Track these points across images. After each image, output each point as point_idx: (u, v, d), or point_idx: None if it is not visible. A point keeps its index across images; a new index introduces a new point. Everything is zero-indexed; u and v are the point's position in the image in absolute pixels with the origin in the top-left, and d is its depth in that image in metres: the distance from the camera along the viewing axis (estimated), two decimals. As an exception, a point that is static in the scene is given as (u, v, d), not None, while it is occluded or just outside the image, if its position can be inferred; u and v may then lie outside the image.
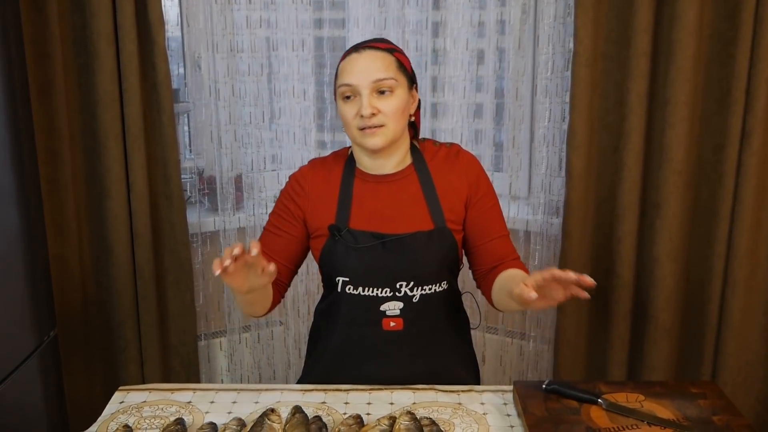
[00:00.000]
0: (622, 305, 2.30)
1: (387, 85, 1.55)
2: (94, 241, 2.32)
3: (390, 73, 1.56)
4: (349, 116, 1.57)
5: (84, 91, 2.20)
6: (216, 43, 2.40)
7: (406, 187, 1.65)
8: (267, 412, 1.43)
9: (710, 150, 2.15)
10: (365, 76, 1.54)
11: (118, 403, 1.59)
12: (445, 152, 1.70)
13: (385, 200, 1.64)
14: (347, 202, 1.64)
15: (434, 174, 1.66)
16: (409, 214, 1.63)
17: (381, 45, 1.60)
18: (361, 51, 1.58)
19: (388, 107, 1.56)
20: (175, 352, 2.48)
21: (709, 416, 1.44)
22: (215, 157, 2.51)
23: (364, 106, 1.54)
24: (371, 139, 1.57)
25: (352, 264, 1.61)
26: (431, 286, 1.64)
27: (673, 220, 2.18)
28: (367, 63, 1.55)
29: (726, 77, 2.08)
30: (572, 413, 1.45)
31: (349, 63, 1.58)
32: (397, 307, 1.62)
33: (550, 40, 2.32)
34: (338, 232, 1.61)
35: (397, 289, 1.61)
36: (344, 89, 1.57)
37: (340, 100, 1.60)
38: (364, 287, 1.62)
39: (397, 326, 1.64)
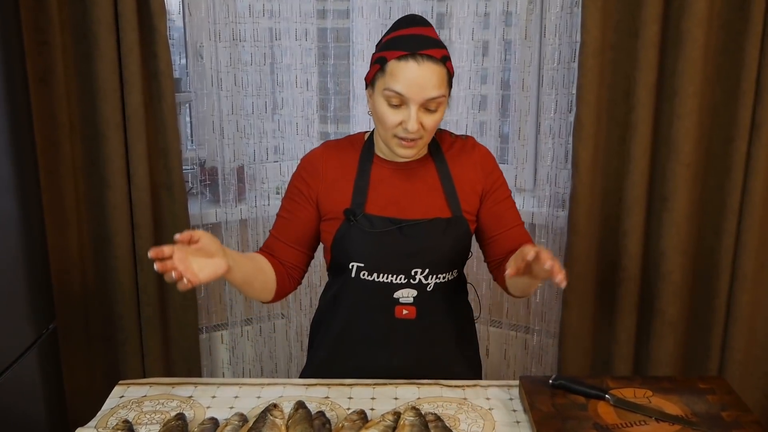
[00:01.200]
0: (629, 299, 2.28)
1: (437, 102, 1.50)
2: (94, 233, 2.30)
3: (442, 89, 1.49)
4: (391, 122, 1.50)
5: (84, 79, 2.18)
6: (218, 32, 2.38)
7: (423, 175, 1.64)
8: (269, 408, 1.41)
9: (719, 142, 2.13)
10: (420, 92, 1.47)
11: (118, 397, 1.57)
12: (461, 144, 1.70)
13: (402, 187, 1.63)
14: (364, 187, 1.61)
15: (450, 164, 1.65)
16: (426, 201, 1.62)
17: (436, 53, 1.48)
18: (419, 61, 1.46)
19: (431, 123, 1.51)
20: (177, 345, 2.47)
21: (718, 412, 1.42)
22: (217, 148, 2.50)
23: (411, 121, 1.48)
24: (406, 150, 1.54)
25: (367, 249, 1.59)
26: (445, 274, 1.63)
27: (681, 213, 2.16)
28: (425, 78, 1.46)
29: (735, 68, 2.06)
30: (579, 409, 1.43)
31: (404, 70, 1.46)
32: (411, 295, 1.61)
33: (557, 30, 2.30)
34: (354, 216, 1.59)
35: (412, 276, 1.60)
36: (392, 96, 1.48)
37: (382, 100, 1.51)
38: (379, 273, 1.60)
39: (410, 314, 1.62)
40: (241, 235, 2.60)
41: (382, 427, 1.34)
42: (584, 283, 2.33)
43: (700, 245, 2.22)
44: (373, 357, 1.66)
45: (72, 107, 2.20)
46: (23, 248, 1.86)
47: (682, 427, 1.36)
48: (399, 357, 1.65)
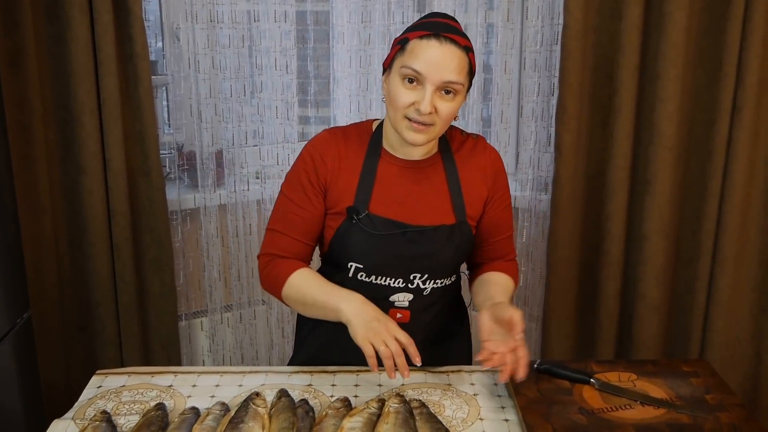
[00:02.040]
0: (611, 282, 2.29)
1: (454, 88, 1.43)
2: (69, 220, 2.26)
3: (461, 77, 1.43)
4: (404, 101, 1.44)
5: (57, 62, 2.13)
6: (195, 13, 2.33)
7: (431, 177, 1.58)
8: (252, 396, 1.39)
9: (701, 125, 2.14)
10: (438, 71, 1.41)
11: (96, 387, 1.55)
12: (471, 144, 1.64)
13: (408, 187, 1.57)
14: (369, 184, 1.55)
15: (459, 166, 1.60)
16: (432, 206, 1.57)
17: (461, 40, 1.44)
18: (442, 41, 1.41)
19: (446, 110, 1.45)
20: (155, 333, 2.44)
21: (702, 395, 1.43)
22: (195, 132, 2.46)
23: (425, 102, 1.42)
24: (416, 135, 1.46)
25: (368, 251, 1.54)
26: (443, 279, 1.61)
27: (663, 196, 2.17)
28: (445, 59, 1.41)
29: (717, 51, 2.07)
30: (565, 393, 1.44)
31: (426, 48, 1.42)
32: (407, 299, 1.59)
33: (539, 12, 2.28)
34: (357, 215, 1.53)
35: (410, 281, 1.57)
36: (409, 72, 1.43)
37: (397, 77, 1.45)
38: (378, 276, 1.56)
39: (404, 318, 1.60)
40: (220, 221, 2.57)
41: (366, 415, 1.33)
42: (567, 267, 2.33)
43: (682, 228, 2.24)
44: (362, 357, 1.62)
45: (45, 91, 2.14)
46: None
47: (667, 411, 1.37)
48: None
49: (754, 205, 2.16)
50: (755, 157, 2.11)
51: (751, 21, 1.98)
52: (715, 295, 2.19)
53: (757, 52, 2.00)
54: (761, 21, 1.98)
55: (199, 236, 2.57)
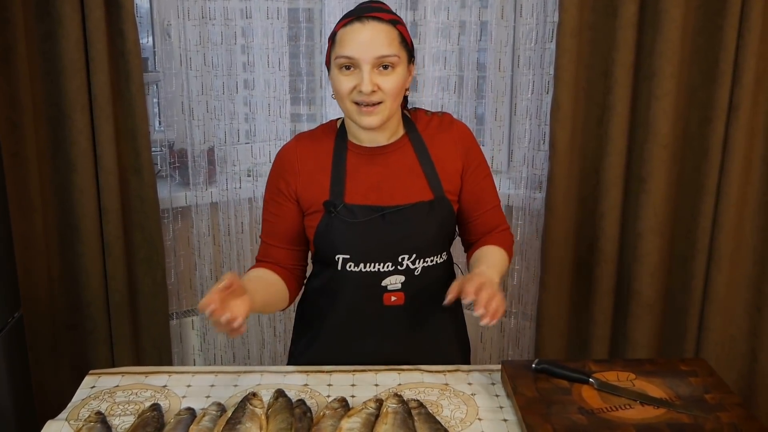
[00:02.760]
0: (606, 280, 2.29)
1: (390, 61, 1.46)
2: (59, 218, 2.24)
3: (393, 49, 1.46)
4: (345, 89, 1.48)
5: (47, 59, 2.11)
6: (188, 9, 2.31)
7: (401, 158, 1.59)
8: (248, 397, 1.38)
9: (696, 123, 2.14)
10: (368, 50, 1.44)
11: (89, 388, 1.53)
12: (437, 121, 1.64)
13: (380, 172, 1.58)
14: (341, 176, 1.57)
15: (429, 143, 1.61)
16: (407, 184, 1.58)
17: (384, 15, 1.48)
18: (364, 21, 1.45)
19: (388, 84, 1.47)
20: (147, 333, 2.42)
21: (701, 394, 1.42)
22: (186, 129, 2.44)
23: (365, 82, 1.45)
24: (368, 117, 1.49)
25: (351, 240, 1.55)
26: (432, 257, 1.60)
27: (658, 194, 2.16)
28: (371, 36, 1.44)
29: (713, 49, 2.06)
30: (563, 393, 1.42)
31: (350, 33, 1.46)
32: (399, 281, 1.58)
33: (533, 9, 2.28)
34: (334, 207, 1.55)
35: (399, 263, 1.57)
36: (343, 60, 1.46)
37: (335, 70, 1.49)
38: (366, 263, 1.56)
39: (398, 300, 1.60)
40: (212, 219, 2.55)
41: (364, 415, 1.32)
42: (561, 265, 2.33)
43: (677, 226, 2.24)
44: (362, 345, 1.63)
45: (35, 88, 2.13)
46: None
47: (667, 410, 1.36)
48: (389, 344, 1.63)
49: (750, 203, 2.16)
50: (752, 155, 2.11)
51: (748, 19, 1.98)
52: (710, 294, 2.19)
53: (754, 51, 2.00)
54: (758, 19, 1.98)
55: (190, 234, 2.55)
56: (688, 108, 2.14)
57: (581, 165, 2.27)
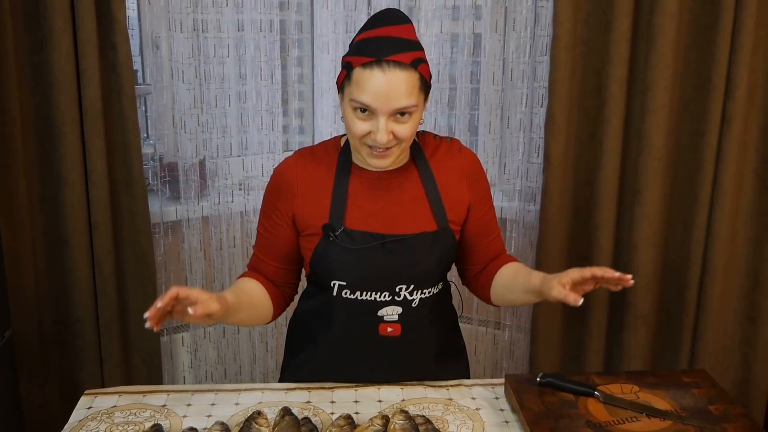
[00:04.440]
0: (600, 292, 2.30)
1: (409, 110, 1.38)
2: (49, 233, 2.21)
3: (413, 98, 1.38)
4: (359, 132, 1.41)
5: (37, 71, 2.08)
6: (180, 22, 2.30)
7: (406, 185, 1.54)
8: (254, 416, 1.36)
9: (690, 136, 2.16)
10: (387, 102, 1.36)
11: (86, 408, 1.50)
12: (446, 147, 1.59)
13: (384, 198, 1.53)
14: (342, 200, 1.51)
15: (435, 171, 1.56)
16: (410, 213, 1.53)
17: (406, 57, 1.37)
18: (385, 69, 1.35)
19: (404, 132, 1.40)
20: (137, 350, 2.39)
21: (706, 405, 1.44)
22: (178, 143, 2.42)
23: (380, 133, 1.38)
24: (379, 161, 1.45)
25: (349, 267, 1.50)
26: (430, 288, 1.57)
27: (653, 206, 2.18)
28: (392, 88, 1.35)
29: (706, 63, 2.09)
30: (570, 407, 1.43)
31: (370, 80, 1.36)
32: (396, 312, 1.54)
33: (527, 23, 2.29)
34: (333, 232, 1.49)
35: (397, 293, 1.53)
36: (359, 105, 1.38)
37: (349, 109, 1.41)
38: (362, 291, 1.52)
39: (395, 332, 1.56)
40: (203, 234, 2.53)
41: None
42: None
43: (671, 238, 2.26)
44: (356, 373, 1.60)
45: (24, 100, 2.10)
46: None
47: (674, 423, 1.37)
48: (383, 373, 1.60)
49: (743, 214, 2.19)
50: (744, 168, 2.14)
51: (740, 34, 2.01)
52: (704, 304, 2.21)
53: (746, 65, 2.03)
54: (750, 33, 2.01)
55: (181, 249, 2.53)
56: (681, 121, 2.16)
57: (575, 177, 2.28)
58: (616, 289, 1.42)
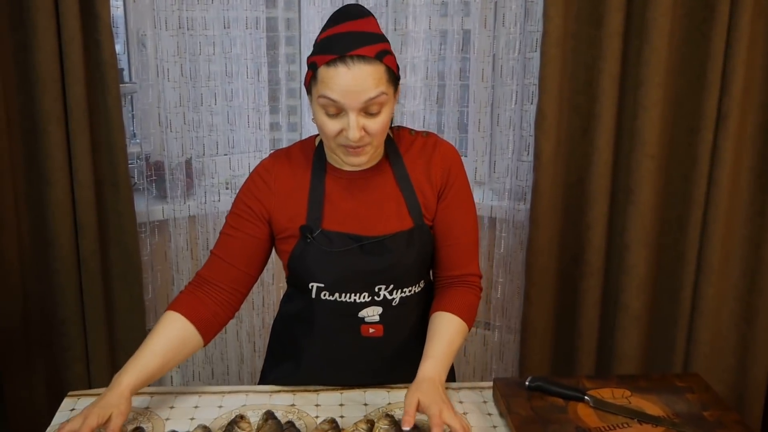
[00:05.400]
0: (592, 293, 2.27)
1: (378, 102, 1.36)
2: (34, 233, 2.19)
3: (381, 87, 1.35)
4: (331, 131, 1.38)
5: (21, 70, 2.05)
6: (165, 19, 2.27)
7: (381, 184, 1.52)
8: (236, 419, 1.34)
9: (684, 133, 2.13)
10: (355, 96, 1.33)
11: (69, 410, 1.49)
12: (421, 142, 1.56)
13: (359, 198, 1.51)
14: (319, 201, 1.50)
15: (409, 167, 1.53)
16: (386, 213, 1.51)
17: (369, 51, 1.34)
18: (349, 64, 1.33)
19: (376, 126, 1.38)
20: (123, 350, 2.36)
21: (699, 411, 1.41)
22: (163, 142, 2.39)
23: (352, 129, 1.35)
24: (355, 158, 1.42)
25: (327, 269, 1.49)
26: (410, 287, 1.54)
27: (646, 205, 2.15)
28: (358, 81, 1.33)
29: (701, 58, 2.06)
30: (559, 412, 1.40)
31: (335, 77, 1.33)
32: (376, 313, 1.52)
33: (516, 19, 2.26)
34: (310, 233, 1.48)
35: (376, 293, 1.51)
36: (326, 103, 1.36)
37: (319, 108, 1.38)
38: (341, 293, 1.50)
39: (377, 332, 1.54)
40: (190, 233, 2.50)
41: None
42: (546, 278, 2.31)
43: (665, 237, 2.23)
44: (341, 377, 1.58)
45: (9, 100, 2.07)
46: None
47: (666, 429, 1.34)
48: (368, 376, 1.58)
49: (739, 213, 2.16)
50: (740, 165, 2.11)
51: (736, 28, 1.98)
52: (699, 305, 2.18)
53: (743, 59, 1.99)
54: (746, 27, 1.98)
55: (168, 249, 2.50)
56: (675, 118, 2.13)
57: (566, 175, 2.25)
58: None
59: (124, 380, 1.36)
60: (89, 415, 1.29)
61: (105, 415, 1.30)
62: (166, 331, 1.47)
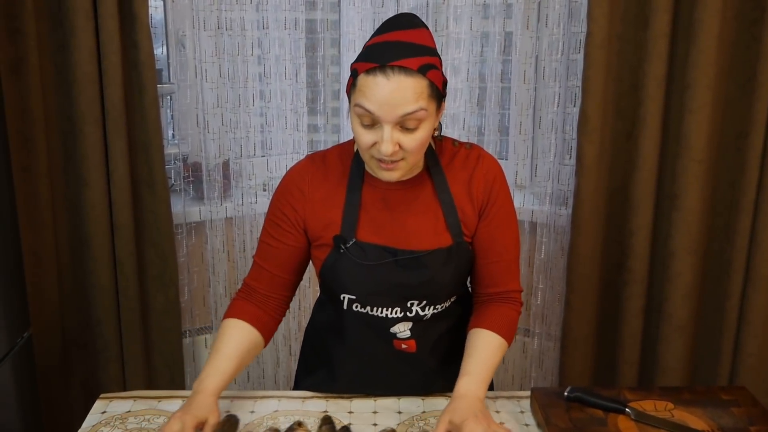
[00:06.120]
0: (635, 301, 2.22)
1: (415, 117, 1.29)
2: (70, 234, 2.21)
3: (420, 102, 1.28)
4: (365, 143, 1.33)
5: (60, 70, 2.08)
6: (204, 20, 2.28)
7: (419, 196, 1.47)
8: (294, 426, 1.35)
9: (732, 137, 2.08)
10: (391, 110, 1.28)
11: (100, 413, 1.50)
12: (464, 154, 1.49)
13: (397, 210, 1.47)
14: (354, 210, 1.45)
15: (450, 181, 1.47)
16: (423, 226, 1.46)
17: (413, 63, 1.28)
18: (389, 75, 1.27)
19: (412, 144, 1.32)
20: (159, 351, 2.38)
21: (746, 426, 1.37)
22: (201, 143, 2.40)
23: (385, 143, 1.30)
24: (387, 174, 1.37)
25: (360, 281, 1.45)
26: (443, 303, 1.51)
27: (692, 211, 2.10)
28: (396, 94, 1.27)
29: (750, 60, 2.01)
30: (599, 424, 1.37)
31: (373, 87, 1.28)
32: (407, 328, 1.50)
33: (560, 19, 2.23)
34: (344, 244, 1.44)
35: (408, 309, 1.48)
36: (362, 113, 1.31)
37: (355, 117, 1.34)
38: (372, 306, 1.48)
39: (410, 348, 1.52)
40: (227, 235, 2.51)
41: None
42: (588, 285, 2.27)
43: (711, 245, 2.17)
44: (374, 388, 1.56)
45: (47, 100, 2.09)
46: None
47: (710, 444, 1.30)
48: (401, 388, 1.56)
49: (789, 221, 2.10)
50: (790, 172, 2.05)
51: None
52: (747, 316, 2.12)
53: (795, 60, 1.94)
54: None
55: (204, 250, 2.51)
56: (723, 121, 2.08)
57: (609, 180, 2.21)
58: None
59: (209, 385, 1.39)
60: (186, 420, 1.31)
61: (203, 418, 1.33)
62: (234, 336, 1.49)
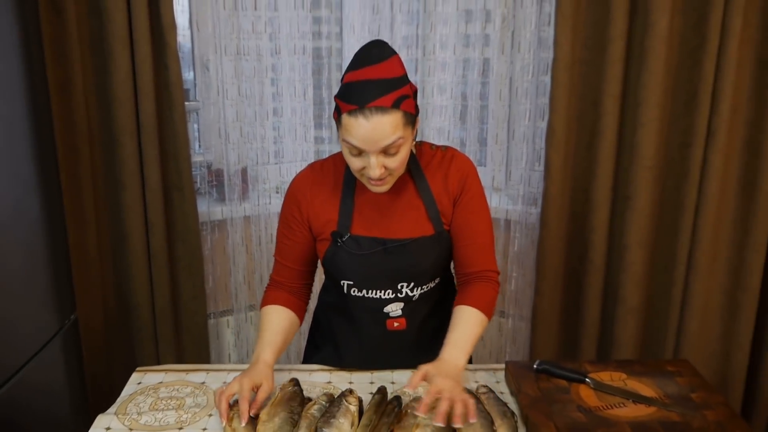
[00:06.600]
0: (594, 288, 2.23)
1: (395, 145, 1.32)
2: (111, 231, 2.21)
3: (398, 133, 1.31)
4: (356, 167, 1.38)
5: (100, 90, 2.07)
6: (225, 46, 2.28)
7: (404, 194, 1.49)
8: (345, 393, 1.35)
9: (677, 148, 2.08)
10: (374, 144, 1.31)
11: (136, 384, 1.50)
12: (440, 156, 1.52)
13: (385, 207, 1.49)
14: (349, 209, 1.48)
15: (429, 179, 1.49)
16: (409, 219, 1.48)
17: (386, 101, 1.29)
18: (368, 115, 1.28)
19: (395, 163, 1.35)
20: (187, 331, 2.38)
21: (688, 393, 1.37)
22: (223, 152, 2.40)
23: (373, 169, 1.34)
24: (378, 188, 1.41)
25: (355, 269, 1.49)
26: (428, 284, 1.53)
27: (643, 211, 2.11)
28: (376, 131, 1.30)
29: (693, 81, 2.01)
30: (563, 392, 1.38)
31: (355, 127, 1.30)
32: (399, 308, 1.52)
33: (530, 46, 2.23)
34: (341, 238, 1.47)
35: (399, 290, 1.50)
36: (349, 146, 1.34)
37: (344, 146, 1.37)
38: (368, 290, 1.50)
39: (401, 326, 1.54)
40: (245, 231, 2.51)
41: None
42: (554, 273, 2.27)
43: (659, 240, 2.18)
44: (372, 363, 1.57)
45: (90, 115, 2.09)
46: (46, 245, 1.76)
47: (657, 409, 1.31)
48: (394, 364, 1.56)
49: (725, 220, 2.10)
50: (727, 177, 2.05)
51: (725, 54, 1.93)
52: (689, 301, 2.13)
53: (731, 82, 1.94)
54: (734, 54, 1.92)
55: (226, 245, 2.51)
56: (670, 134, 2.08)
57: (573, 184, 2.21)
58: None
59: (265, 356, 1.44)
60: (244, 383, 1.34)
61: (258, 383, 1.36)
62: (276, 317, 1.53)
